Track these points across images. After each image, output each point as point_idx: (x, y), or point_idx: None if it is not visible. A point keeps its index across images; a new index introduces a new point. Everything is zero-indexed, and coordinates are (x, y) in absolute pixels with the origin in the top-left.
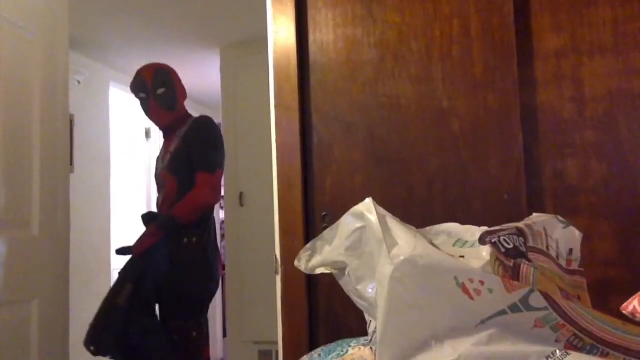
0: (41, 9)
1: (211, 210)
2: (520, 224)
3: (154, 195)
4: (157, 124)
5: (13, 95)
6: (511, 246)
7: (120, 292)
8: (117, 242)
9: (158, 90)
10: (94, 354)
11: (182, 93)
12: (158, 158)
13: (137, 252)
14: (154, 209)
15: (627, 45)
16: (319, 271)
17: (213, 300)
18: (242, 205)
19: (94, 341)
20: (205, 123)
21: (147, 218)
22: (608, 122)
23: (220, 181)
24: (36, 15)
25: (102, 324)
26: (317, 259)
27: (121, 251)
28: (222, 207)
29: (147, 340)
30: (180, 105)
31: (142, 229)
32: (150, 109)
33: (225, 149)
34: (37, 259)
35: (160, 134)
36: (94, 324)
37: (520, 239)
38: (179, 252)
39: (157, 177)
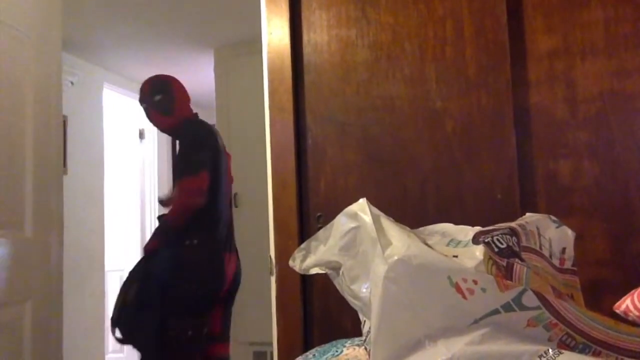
0: (34, 9)
1: (207, 211)
2: (514, 224)
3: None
4: (157, 127)
5: (5, 96)
6: (504, 246)
7: (128, 291)
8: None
9: (155, 98)
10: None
11: (180, 98)
12: None
13: (145, 251)
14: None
15: (619, 47)
16: (313, 271)
17: None
18: (236, 206)
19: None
20: (188, 127)
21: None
22: (600, 122)
23: (204, 182)
24: (29, 16)
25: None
26: (311, 258)
27: (161, 202)
28: None
29: (136, 336)
30: (179, 110)
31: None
32: (150, 116)
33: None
34: (30, 261)
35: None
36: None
37: (514, 238)
38: (181, 254)
39: None
